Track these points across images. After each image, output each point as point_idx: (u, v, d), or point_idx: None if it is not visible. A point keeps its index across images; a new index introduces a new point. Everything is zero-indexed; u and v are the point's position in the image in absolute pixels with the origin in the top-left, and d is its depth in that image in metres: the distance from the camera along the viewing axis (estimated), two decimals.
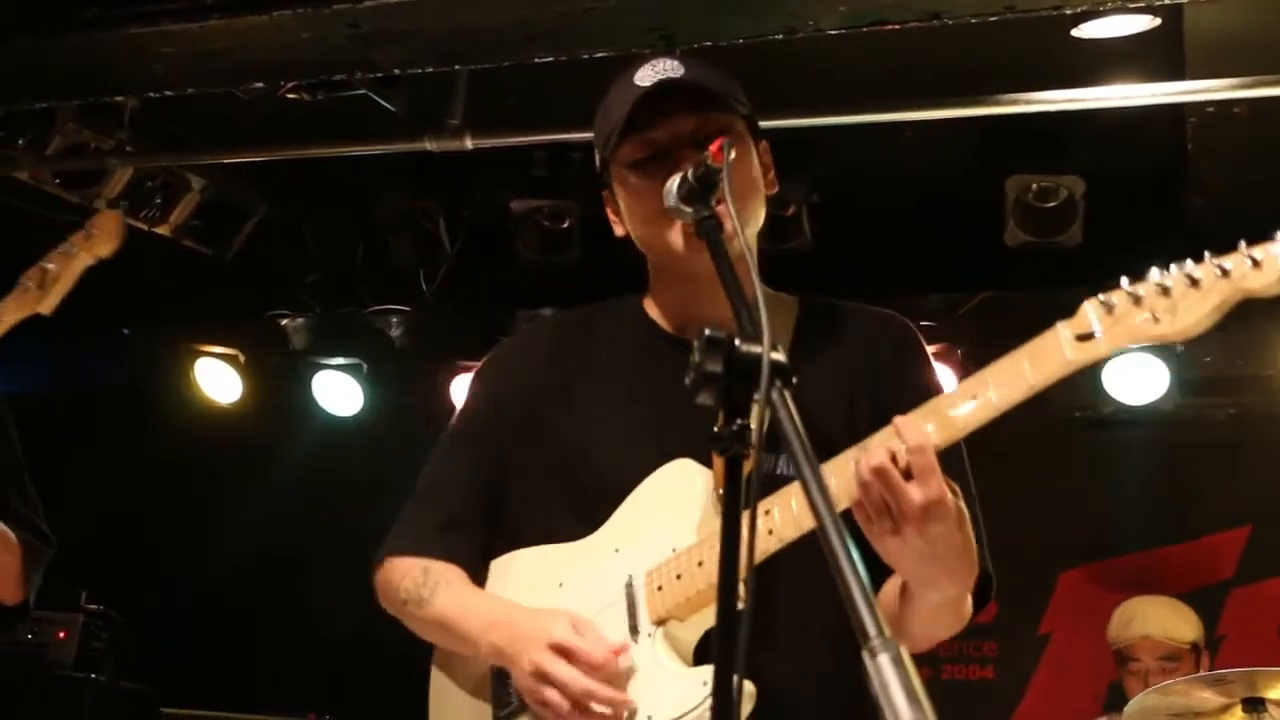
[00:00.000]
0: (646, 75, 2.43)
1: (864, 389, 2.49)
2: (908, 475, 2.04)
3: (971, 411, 2.09)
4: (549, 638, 2.31)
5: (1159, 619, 5.30)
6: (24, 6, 4.08)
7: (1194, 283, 1.91)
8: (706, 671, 2.23)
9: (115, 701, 6.10)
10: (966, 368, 6.17)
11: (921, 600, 2.26)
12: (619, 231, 2.58)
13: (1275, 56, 4.38)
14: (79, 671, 6.13)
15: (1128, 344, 1.98)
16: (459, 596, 2.52)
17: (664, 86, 2.40)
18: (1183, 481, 6.53)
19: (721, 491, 2.30)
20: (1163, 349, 5.93)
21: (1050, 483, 6.48)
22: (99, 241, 3.33)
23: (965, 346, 6.20)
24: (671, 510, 2.39)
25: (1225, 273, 1.89)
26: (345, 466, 7.13)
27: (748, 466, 1.66)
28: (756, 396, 1.59)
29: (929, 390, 2.40)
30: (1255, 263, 1.87)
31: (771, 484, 2.24)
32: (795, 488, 2.19)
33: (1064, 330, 2.04)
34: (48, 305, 3.30)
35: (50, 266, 3.29)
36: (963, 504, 2.15)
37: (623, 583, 2.39)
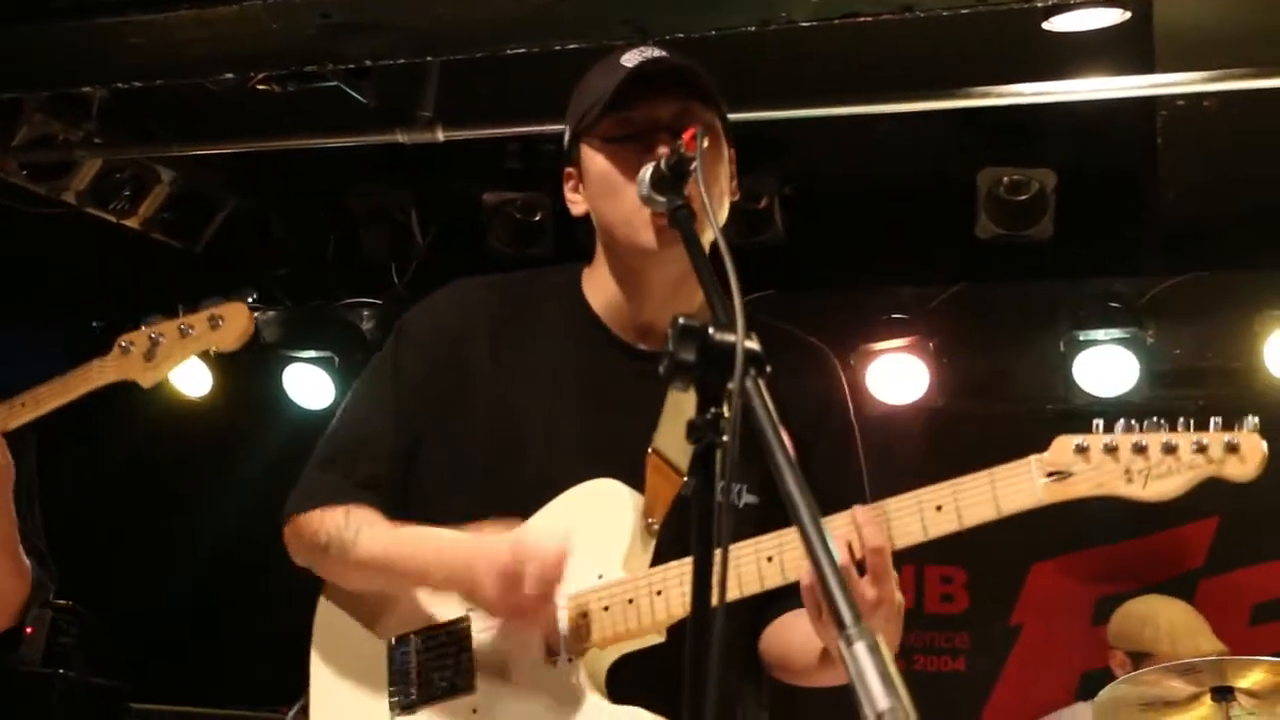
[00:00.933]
0: (634, 57, 2.40)
1: (785, 411, 2.46)
2: (861, 570, 2.10)
3: (935, 522, 2.15)
4: (499, 565, 2.24)
5: (1208, 637, 5.20)
6: None
7: (1170, 450, 2.04)
8: (630, 714, 2.25)
9: (84, 697, 6.06)
10: (939, 360, 6.19)
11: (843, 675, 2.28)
12: (577, 210, 2.51)
13: (1244, 50, 4.41)
14: (47, 667, 6.09)
15: (1097, 493, 2.09)
16: (387, 533, 2.45)
17: (654, 67, 2.37)
18: None
19: (651, 520, 2.33)
20: (1132, 340, 5.96)
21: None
22: (224, 335, 2.95)
23: (937, 339, 6.22)
24: (597, 532, 2.35)
25: (1202, 449, 2.02)
26: None
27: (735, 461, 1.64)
28: (730, 385, 1.58)
29: (849, 437, 2.52)
30: (1232, 448, 2.01)
31: (736, 514, 2.25)
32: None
33: (1036, 466, 2.12)
34: (149, 380, 3.01)
35: (159, 338, 2.99)
36: (899, 596, 2.20)
37: None
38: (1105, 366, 6.02)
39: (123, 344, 3.04)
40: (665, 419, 2.35)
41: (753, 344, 1.61)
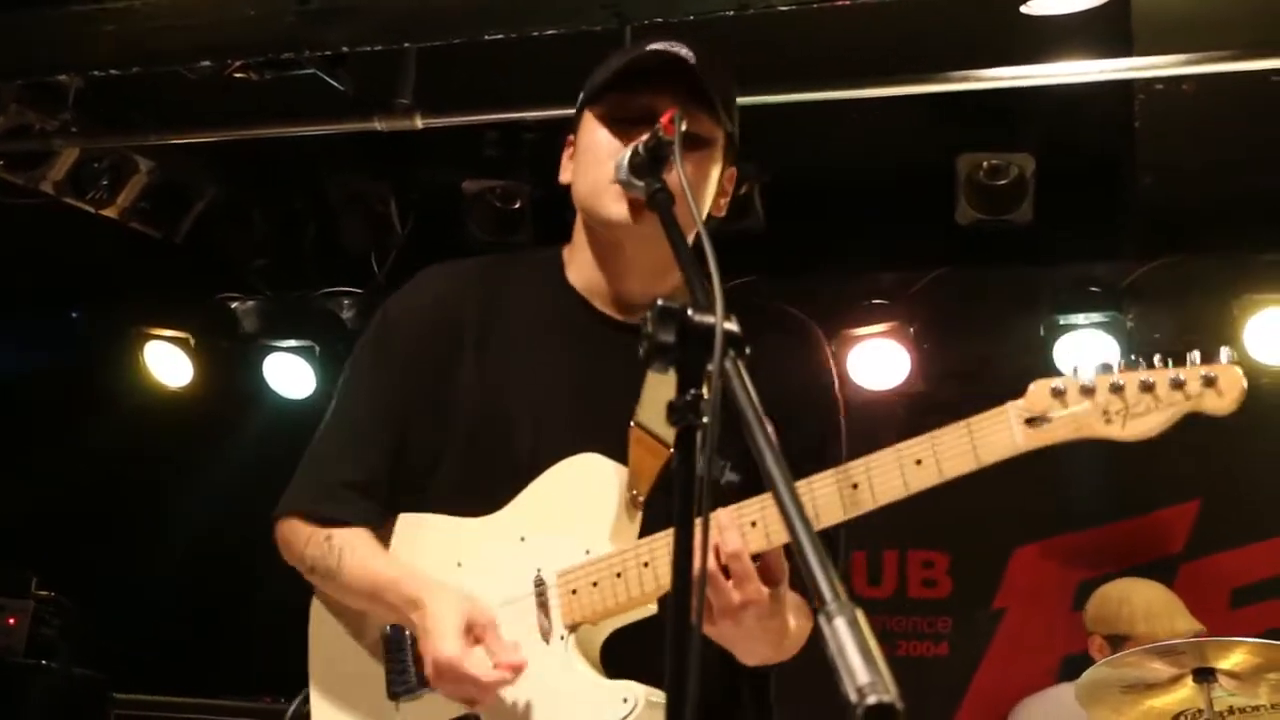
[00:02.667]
0: (660, 45, 2.42)
1: (769, 392, 2.47)
2: (727, 574, 2.13)
3: (915, 476, 2.16)
4: (438, 653, 2.29)
5: (1185, 616, 5.21)
6: None
7: (1148, 388, 1.98)
8: (625, 688, 2.26)
9: (67, 688, 6.05)
10: (920, 345, 6.20)
11: (749, 661, 2.36)
12: (564, 178, 2.52)
13: (1222, 33, 4.41)
14: (30, 658, 6.07)
15: (1076, 436, 2.06)
16: (364, 565, 2.48)
17: (668, 61, 2.38)
18: (1133, 456, 6.51)
19: (636, 493, 2.33)
20: (1112, 323, 5.97)
21: (1002, 459, 6.49)
22: None
23: (918, 324, 6.22)
24: (583, 507, 2.36)
25: (1179, 386, 1.96)
26: (298, 449, 7.06)
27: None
28: (710, 366, 1.57)
29: (832, 411, 2.54)
30: (1210, 382, 1.94)
31: (718, 491, 2.26)
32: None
33: (1014, 413, 2.10)
34: None
35: None
36: (784, 592, 2.23)
37: (531, 577, 2.37)
38: (1085, 350, 6.03)
39: None
40: (647, 392, 2.35)
41: (732, 325, 1.61)
